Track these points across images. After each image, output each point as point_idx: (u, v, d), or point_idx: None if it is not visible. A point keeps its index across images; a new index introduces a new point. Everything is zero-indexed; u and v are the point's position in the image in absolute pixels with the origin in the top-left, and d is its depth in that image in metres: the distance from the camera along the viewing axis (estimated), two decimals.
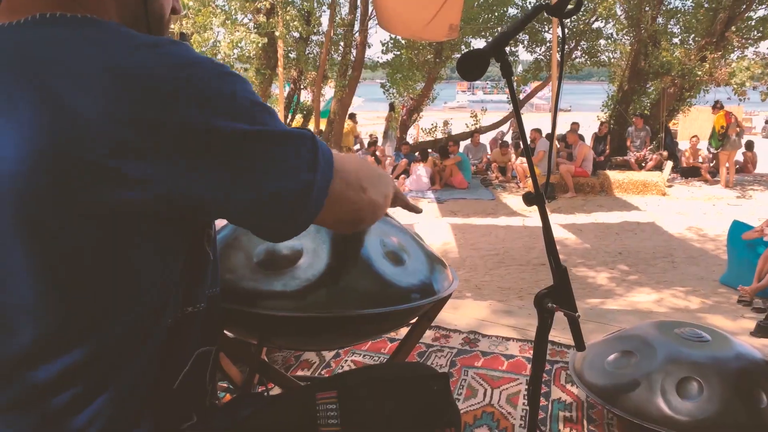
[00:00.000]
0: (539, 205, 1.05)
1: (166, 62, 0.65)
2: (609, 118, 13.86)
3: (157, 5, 0.83)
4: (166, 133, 0.63)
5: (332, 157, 0.76)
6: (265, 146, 0.68)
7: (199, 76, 0.66)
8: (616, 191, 10.52)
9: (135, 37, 0.68)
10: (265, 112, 0.70)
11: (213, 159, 0.65)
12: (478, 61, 0.92)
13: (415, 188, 10.80)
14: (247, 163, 0.67)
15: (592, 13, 13.56)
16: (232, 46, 10.22)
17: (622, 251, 7.01)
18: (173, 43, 0.68)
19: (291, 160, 0.70)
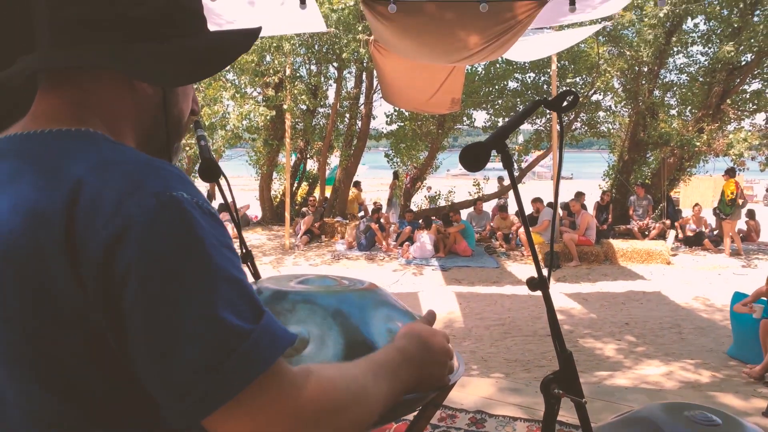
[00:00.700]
0: (543, 290, 1.07)
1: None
2: (611, 187, 14.02)
3: (176, 110, 0.86)
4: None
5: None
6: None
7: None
8: (620, 260, 10.50)
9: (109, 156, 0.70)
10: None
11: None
12: (480, 154, 0.96)
13: (419, 256, 10.80)
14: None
15: (590, 87, 13.97)
16: (241, 118, 10.52)
17: (629, 321, 6.93)
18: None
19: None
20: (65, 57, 0.75)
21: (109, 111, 0.78)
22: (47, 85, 0.78)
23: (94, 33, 0.75)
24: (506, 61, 13.34)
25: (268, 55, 11.51)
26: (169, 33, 0.79)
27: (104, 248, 0.63)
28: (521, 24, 5.62)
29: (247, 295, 0.68)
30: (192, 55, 0.80)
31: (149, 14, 0.77)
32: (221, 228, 0.70)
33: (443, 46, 6.46)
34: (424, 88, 9.12)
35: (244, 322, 0.65)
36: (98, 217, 0.64)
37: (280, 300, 1.01)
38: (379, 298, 1.07)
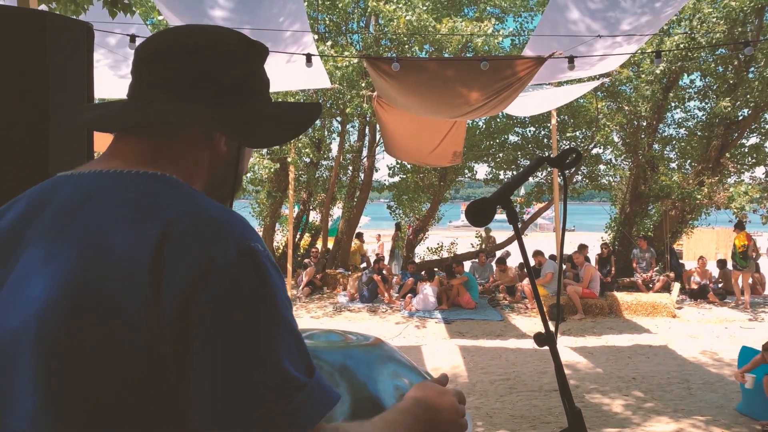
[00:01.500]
0: (550, 346, 1.06)
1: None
2: (613, 240, 14.02)
3: (242, 167, 0.93)
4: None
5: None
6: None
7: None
8: (625, 313, 10.39)
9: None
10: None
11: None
12: (485, 210, 0.98)
13: (422, 308, 10.71)
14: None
15: (590, 140, 14.17)
16: (246, 171, 10.64)
17: (636, 376, 6.81)
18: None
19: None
20: (162, 111, 0.82)
21: (185, 162, 0.84)
22: (131, 131, 0.84)
23: (188, 91, 0.82)
24: (507, 115, 13.59)
25: None
26: (249, 100, 0.88)
27: (186, 287, 0.67)
28: (521, 81, 5.77)
29: (304, 350, 0.73)
30: (273, 121, 0.90)
31: (234, 81, 0.85)
32: (283, 281, 0.75)
33: (445, 102, 6.61)
34: (426, 142, 9.28)
35: (301, 374, 0.70)
36: (184, 258, 0.68)
37: None
38: (385, 354, 1.07)
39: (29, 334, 0.68)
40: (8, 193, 0.88)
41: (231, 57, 0.86)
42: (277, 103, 0.95)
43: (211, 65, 0.84)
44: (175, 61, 0.83)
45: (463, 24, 9.86)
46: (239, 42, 0.88)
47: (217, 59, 0.84)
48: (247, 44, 0.89)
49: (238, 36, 0.90)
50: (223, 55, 0.85)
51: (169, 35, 0.86)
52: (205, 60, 0.84)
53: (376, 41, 11.85)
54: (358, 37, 12.52)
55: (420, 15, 9.66)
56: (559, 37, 5.53)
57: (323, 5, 11.77)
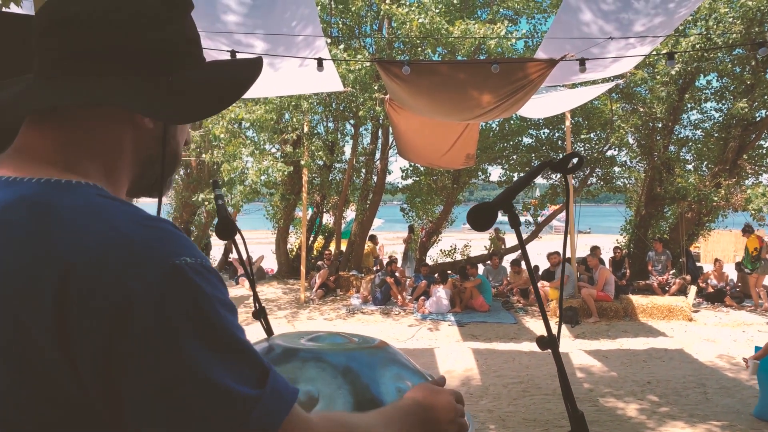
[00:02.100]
0: (553, 349, 1.07)
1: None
2: (628, 242, 13.90)
3: (174, 144, 0.83)
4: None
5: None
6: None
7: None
8: (640, 316, 10.29)
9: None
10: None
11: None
12: (486, 214, 0.99)
13: (435, 310, 10.70)
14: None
15: (604, 142, 14.07)
16: (260, 174, 10.72)
17: (651, 380, 6.74)
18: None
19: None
20: (69, 92, 0.70)
21: (104, 149, 0.74)
22: (36, 118, 0.73)
23: (94, 65, 0.71)
24: (520, 117, 13.55)
25: (286, 113, 11.82)
26: (172, 66, 0.75)
27: (103, 328, 0.60)
28: (533, 83, 5.75)
29: (251, 359, 0.68)
30: (202, 88, 0.76)
31: (150, 46, 0.73)
32: (221, 285, 0.69)
33: (456, 104, 6.61)
34: (439, 145, 9.27)
35: (251, 388, 0.65)
36: (96, 293, 0.61)
37: (291, 358, 1.03)
38: (389, 357, 1.08)
39: None
40: None
41: (143, 17, 0.73)
42: (210, 63, 0.82)
43: (121, 30, 0.71)
44: (78, 30, 0.70)
45: (476, 26, 9.85)
46: (151, 0, 0.75)
47: (127, 22, 0.71)
48: (161, 1, 0.75)
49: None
50: (133, 17, 0.72)
51: (68, 1, 0.72)
52: (113, 25, 0.71)
53: (389, 44, 11.88)
54: (371, 40, 12.56)
55: (432, 18, 9.67)
56: (572, 39, 5.51)
57: (336, 9, 11.83)
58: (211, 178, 13.84)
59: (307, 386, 0.95)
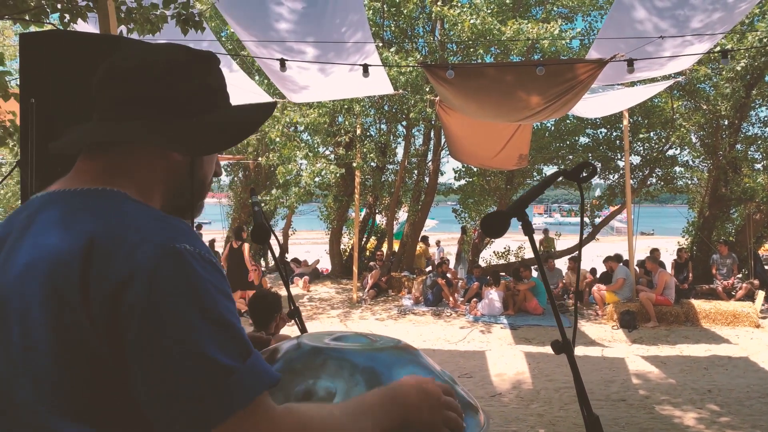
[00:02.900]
0: (568, 354, 1.09)
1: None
2: (691, 245, 13.37)
3: (201, 174, 1.00)
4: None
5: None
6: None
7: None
8: (702, 322, 9.90)
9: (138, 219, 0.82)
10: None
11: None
12: (500, 221, 1.03)
13: (488, 312, 10.61)
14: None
15: (665, 141, 13.60)
16: (313, 176, 10.94)
17: (712, 389, 6.49)
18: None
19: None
20: (110, 131, 0.90)
21: (140, 174, 0.91)
22: (91, 150, 0.92)
23: (134, 110, 0.90)
24: (577, 117, 13.27)
25: (339, 116, 12.01)
26: (196, 110, 0.93)
27: (112, 291, 0.74)
28: (582, 84, 5.65)
29: (236, 337, 0.77)
30: (215, 128, 0.94)
31: (180, 95, 0.91)
32: (219, 275, 0.81)
33: (505, 106, 6.56)
34: (491, 145, 9.21)
35: (230, 360, 0.75)
36: (111, 264, 0.75)
37: (315, 355, 1.10)
38: (408, 358, 1.13)
39: (18, 294, 0.79)
40: None
41: (173, 73, 0.91)
42: (232, 108, 1.00)
43: (154, 83, 0.90)
44: (122, 83, 0.90)
45: (529, 26, 9.73)
46: (183, 56, 0.94)
47: (160, 76, 0.90)
48: (191, 58, 0.94)
49: (183, 50, 0.96)
50: (166, 71, 0.91)
51: (117, 59, 0.93)
52: (148, 79, 0.90)
53: (442, 46, 11.88)
54: (423, 42, 12.59)
55: (484, 18, 9.62)
56: (625, 38, 5.38)
57: (389, 12, 11.93)
58: (267, 180, 14.29)
59: (326, 382, 1.02)
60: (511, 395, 6.43)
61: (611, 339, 9.12)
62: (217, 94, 0.97)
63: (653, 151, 13.88)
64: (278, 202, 11.91)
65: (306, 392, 1.00)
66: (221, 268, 0.83)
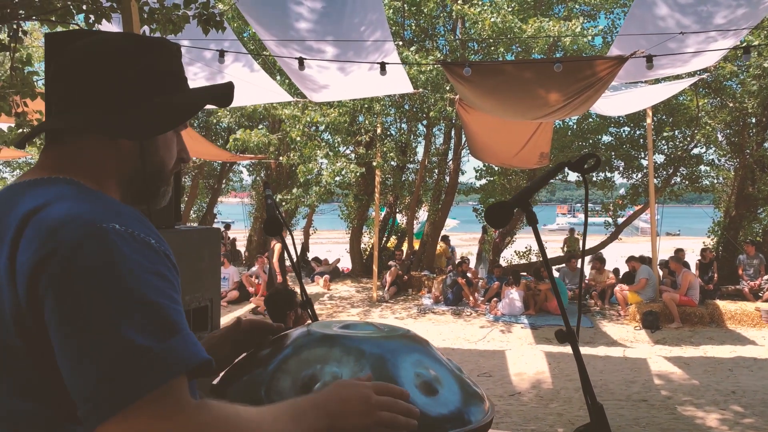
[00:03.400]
0: (572, 343, 1.11)
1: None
2: (717, 245, 13.15)
3: (156, 159, 0.99)
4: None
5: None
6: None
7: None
8: (728, 323, 9.73)
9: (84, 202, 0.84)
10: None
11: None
12: (503, 212, 1.05)
13: (508, 312, 10.56)
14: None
15: (689, 140, 13.38)
16: (334, 175, 11.00)
17: (736, 390, 6.39)
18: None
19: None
20: (54, 122, 0.94)
21: (91, 163, 0.93)
22: (48, 142, 0.96)
23: (79, 100, 0.92)
24: (599, 115, 13.13)
25: (360, 116, 12.06)
26: (140, 96, 0.93)
27: (33, 267, 0.76)
28: (602, 81, 5.60)
29: (161, 318, 0.76)
30: (160, 111, 0.93)
31: (123, 82, 0.93)
32: (153, 255, 0.80)
33: (524, 104, 6.53)
34: (511, 144, 9.17)
35: (148, 341, 0.73)
36: (35, 243, 0.77)
37: (324, 342, 1.14)
38: (412, 346, 1.16)
39: None
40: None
41: (115, 61, 0.93)
42: (186, 91, 1.00)
43: (97, 72, 0.92)
44: (68, 75, 0.93)
45: (550, 24, 9.66)
46: (121, 44, 0.95)
47: (103, 65, 0.92)
48: (131, 44, 0.96)
49: (130, 38, 0.98)
50: (107, 61, 0.93)
51: (65, 52, 0.95)
52: (91, 69, 0.92)
53: (463, 45, 11.86)
54: (444, 41, 12.58)
55: (505, 16, 9.58)
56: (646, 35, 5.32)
57: (409, 11, 11.94)
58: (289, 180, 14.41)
59: (332, 367, 1.05)
60: (530, 394, 6.40)
61: (633, 339, 9.02)
62: (165, 77, 0.97)
63: (678, 149, 13.67)
64: (299, 201, 12.01)
65: (312, 377, 1.03)
66: (159, 248, 0.82)
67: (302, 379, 1.03)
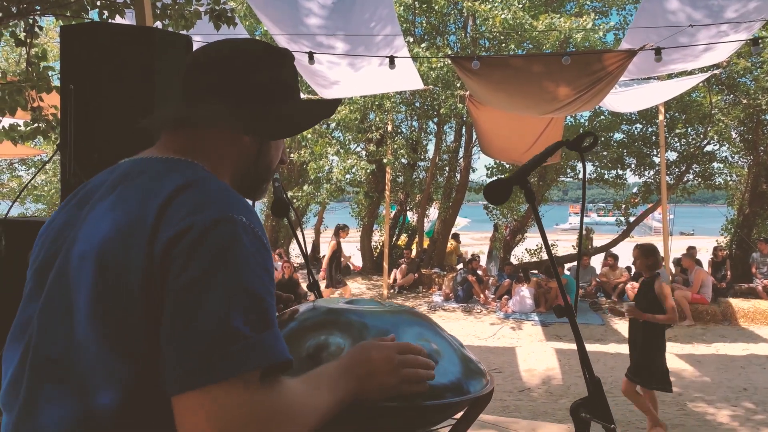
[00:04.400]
0: (569, 317, 1.13)
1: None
2: (729, 243, 13.04)
3: (267, 159, 1.10)
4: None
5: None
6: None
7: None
8: (741, 321, 9.65)
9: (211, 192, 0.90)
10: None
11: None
12: (502, 189, 1.07)
13: (519, 309, 10.54)
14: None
15: (702, 137, 13.28)
16: (344, 172, 11.04)
17: (748, 387, 6.36)
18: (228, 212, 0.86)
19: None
20: (191, 111, 1.02)
21: (214, 153, 1.02)
22: (174, 128, 1.03)
23: (214, 95, 1.01)
24: (612, 112, 13.07)
25: (371, 113, 12.09)
26: (268, 100, 1.04)
27: (170, 238, 0.83)
28: (611, 75, 5.59)
29: (262, 311, 0.82)
30: (284, 118, 1.04)
31: (256, 85, 1.03)
32: (265, 253, 0.87)
33: (533, 98, 6.53)
34: (522, 140, 9.16)
35: (247, 329, 0.79)
36: (176, 217, 0.84)
37: (329, 315, 1.17)
38: (416, 320, 1.19)
39: (92, 257, 0.87)
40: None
41: (252, 65, 1.03)
42: (301, 101, 1.11)
43: (235, 73, 1.01)
44: (207, 71, 1.02)
45: (561, 20, 9.64)
46: (261, 51, 1.05)
47: (240, 67, 1.02)
48: (269, 53, 1.06)
49: (262, 46, 1.07)
50: (245, 64, 1.02)
51: (205, 49, 1.05)
52: (229, 68, 1.02)
53: (474, 42, 11.85)
54: (455, 38, 12.57)
55: (516, 12, 9.56)
56: (658, 29, 5.30)
57: (420, 8, 11.95)
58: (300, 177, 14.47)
59: (337, 338, 1.08)
60: (540, 390, 6.40)
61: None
62: (288, 88, 1.08)
63: (690, 146, 13.57)
64: (310, 199, 12.06)
65: (317, 347, 1.07)
66: (269, 247, 0.89)
67: (307, 349, 1.07)
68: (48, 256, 0.95)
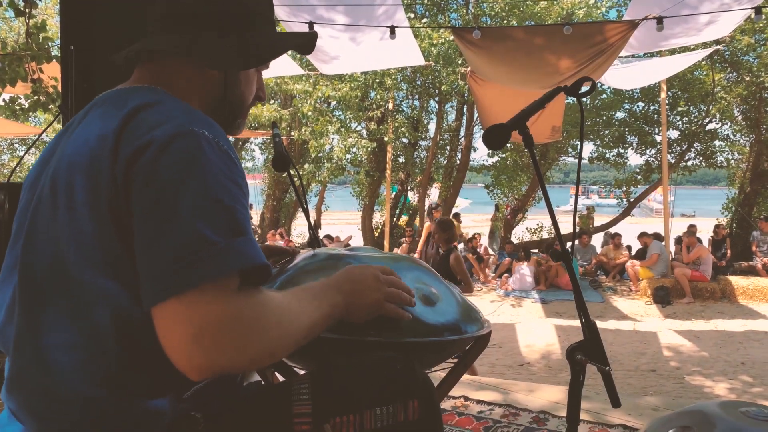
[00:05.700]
0: (566, 261, 1.15)
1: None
2: (730, 222, 13.05)
3: (237, 92, 1.06)
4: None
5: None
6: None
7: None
8: (740, 298, 9.70)
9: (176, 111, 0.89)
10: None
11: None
12: (500, 134, 1.08)
13: (519, 287, 10.60)
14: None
15: (704, 115, 13.22)
16: (345, 151, 11.02)
17: (746, 361, 6.40)
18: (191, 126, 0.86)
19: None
20: (150, 43, 1.00)
21: (177, 84, 1.00)
22: (142, 61, 1.03)
23: (174, 25, 0.98)
24: (614, 90, 12.99)
25: (372, 91, 12.03)
26: (231, 27, 0.99)
27: (131, 154, 0.82)
28: (613, 47, 5.55)
29: (232, 219, 0.82)
30: (246, 47, 0.99)
31: (217, 13, 0.98)
32: (233, 166, 0.86)
33: (534, 70, 6.49)
34: None
35: (216, 236, 0.79)
36: (134, 135, 0.84)
37: (331, 260, 1.20)
38: (415, 266, 1.21)
39: (64, 180, 0.88)
40: None
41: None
42: (273, 32, 1.07)
43: (191, 2, 0.98)
44: (164, 1, 1.00)
45: None
46: None
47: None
48: None
49: None
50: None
51: None
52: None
53: (475, 18, 11.74)
54: (457, 15, 12.46)
55: None
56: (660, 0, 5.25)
57: None
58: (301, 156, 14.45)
59: None
60: (539, 365, 6.46)
61: (644, 314, 9.03)
62: (255, 16, 1.02)
63: (692, 125, 13.52)
64: (311, 177, 12.05)
65: None
66: (238, 162, 0.88)
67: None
68: (30, 196, 0.96)
